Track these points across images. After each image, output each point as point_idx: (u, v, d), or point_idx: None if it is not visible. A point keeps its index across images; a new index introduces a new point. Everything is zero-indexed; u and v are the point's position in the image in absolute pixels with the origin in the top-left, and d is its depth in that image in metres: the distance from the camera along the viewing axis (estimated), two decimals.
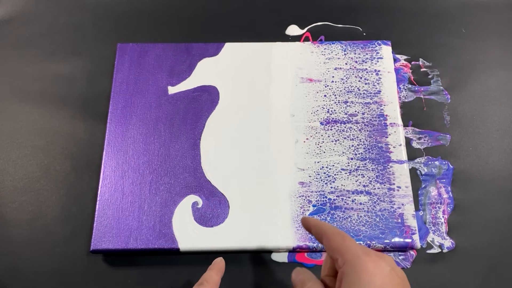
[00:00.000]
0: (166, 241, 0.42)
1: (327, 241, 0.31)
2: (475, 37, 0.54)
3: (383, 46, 0.51)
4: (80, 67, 0.52)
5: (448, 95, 0.50)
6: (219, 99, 0.48)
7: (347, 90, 0.49)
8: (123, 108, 0.48)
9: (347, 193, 0.44)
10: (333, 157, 0.46)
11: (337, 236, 0.30)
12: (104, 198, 0.43)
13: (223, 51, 0.51)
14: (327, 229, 0.31)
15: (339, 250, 0.29)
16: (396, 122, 0.47)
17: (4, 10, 0.55)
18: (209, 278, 0.36)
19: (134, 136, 0.47)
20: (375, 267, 0.27)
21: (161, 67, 0.50)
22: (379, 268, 0.27)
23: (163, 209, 0.43)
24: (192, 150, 0.46)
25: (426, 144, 0.48)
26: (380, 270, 0.27)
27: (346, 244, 0.29)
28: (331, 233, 0.31)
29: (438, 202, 0.45)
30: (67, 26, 0.54)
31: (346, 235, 0.30)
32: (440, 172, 0.46)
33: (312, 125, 0.47)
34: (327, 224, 0.32)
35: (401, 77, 0.51)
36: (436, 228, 0.44)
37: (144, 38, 0.53)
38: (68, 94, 0.50)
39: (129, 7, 0.56)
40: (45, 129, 0.48)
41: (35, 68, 0.52)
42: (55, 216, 0.44)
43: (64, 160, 0.47)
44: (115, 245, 0.41)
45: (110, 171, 0.45)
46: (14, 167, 0.47)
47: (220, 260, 0.39)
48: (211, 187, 0.44)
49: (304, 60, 0.50)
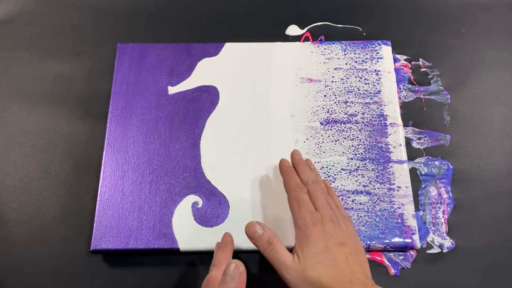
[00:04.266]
0: (166, 241, 0.42)
1: (288, 202, 0.38)
2: (475, 37, 0.54)
3: (383, 46, 0.51)
4: (80, 67, 0.52)
5: (448, 95, 0.50)
6: (219, 99, 0.48)
7: (347, 90, 0.49)
8: (123, 108, 0.48)
9: (347, 193, 0.44)
10: (333, 157, 0.46)
11: (294, 202, 0.37)
12: (104, 198, 0.43)
13: (223, 51, 0.51)
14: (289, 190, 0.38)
15: (294, 218, 0.37)
16: (396, 122, 0.47)
17: (4, 10, 0.55)
18: (216, 261, 0.36)
19: (134, 136, 0.47)
20: (318, 233, 0.35)
21: (161, 67, 0.50)
22: (320, 233, 0.35)
23: (163, 209, 0.43)
24: (192, 150, 0.46)
25: (426, 144, 0.48)
26: (321, 235, 0.35)
27: (300, 213, 0.36)
28: (290, 198, 0.38)
29: (438, 202, 0.45)
30: (67, 26, 0.54)
31: (301, 202, 0.37)
32: (440, 172, 0.46)
33: (312, 125, 0.47)
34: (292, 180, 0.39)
35: (401, 77, 0.51)
36: (436, 228, 0.44)
37: (144, 38, 0.53)
38: (68, 94, 0.50)
39: (129, 7, 0.56)
40: (45, 129, 0.48)
41: (35, 68, 0.52)
42: (55, 216, 0.44)
43: (64, 160, 0.47)
44: (115, 245, 0.41)
45: (110, 171, 0.45)
46: (14, 167, 0.47)
47: (225, 235, 0.39)
48: (211, 187, 0.44)
49: (304, 60, 0.50)
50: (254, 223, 0.37)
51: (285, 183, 0.39)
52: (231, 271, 0.31)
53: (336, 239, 0.35)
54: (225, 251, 0.37)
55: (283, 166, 0.41)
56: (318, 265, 0.33)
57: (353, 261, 0.34)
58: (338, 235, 0.35)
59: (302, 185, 0.38)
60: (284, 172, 0.40)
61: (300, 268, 0.34)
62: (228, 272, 0.31)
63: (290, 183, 0.39)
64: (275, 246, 0.35)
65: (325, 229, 0.35)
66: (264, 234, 0.36)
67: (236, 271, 0.31)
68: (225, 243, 0.38)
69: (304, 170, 0.40)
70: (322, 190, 0.39)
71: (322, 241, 0.34)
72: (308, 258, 0.34)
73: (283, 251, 0.35)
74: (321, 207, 0.37)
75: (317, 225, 0.35)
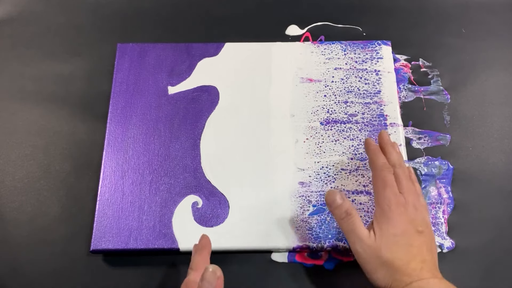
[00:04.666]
0: (166, 241, 0.42)
1: (373, 180, 0.38)
2: (475, 37, 0.54)
3: (383, 46, 0.51)
4: (80, 67, 0.52)
5: (448, 95, 0.50)
6: (219, 99, 0.48)
7: (347, 90, 0.49)
8: (123, 108, 0.48)
9: (347, 193, 0.44)
10: (333, 157, 0.46)
11: (380, 181, 0.37)
12: (104, 198, 0.43)
13: (223, 51, 0.51)
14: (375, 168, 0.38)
15: (377, 196, 0.37)
16: (396, 122, 0.47)
17: (4, 10, 0.55)
18: (193, 264, 0.36)
19: (134, 136, 0.47)
20: (399, 216, 0.35)
21: (161, 67, 0.50)
22: (402, 217, 0.35)
23: (163, 209, 0.43)
24: (192, 150, 0.46)
25: (426, 144, 0.48)
26: (402, 219, 0.35)
27: (384, 193, 0.36)
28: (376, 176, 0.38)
29: (438, 202, 0.45)
30: (67, 26, 0.54)
31: (388, 182, 0.37)
32: (440, 172, 0.46)
33: (312, 125, 0.47)
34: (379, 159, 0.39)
35: (401, 77, 0.51)
36: (436, 228, 0.44)
37: (144, 38, 0.53)
38: (68, 94, 0.50)
39: (129, 7, 0.56)
40: (45, 129, 0.48)
41: (35, 68, 0.52)
42: (55, 216, 0.44)
43: (64, 160, 0.47)
44: (115, 245, 0.41)
45: (110, 171, 0.45)
46: (14, 167, 0.47)
47: (202, 237, 0.39)
48: (211, 187, 0.44)
49: (304, 60, 0.50)
50: (335, 191, 0.37)
51: (372, 162, 0.39)
52: (208, 276, 0.31)
53: (416, 225, 0.35)
54: (202, 254, 0.37)
55: (370, 145, 0.41)
56: (394, 246, 0.34)
57: (427, 250, 0.35)
58: (417, 222, 0.36)
59: (389, 166, 0.38)
60: (371, 151, 0.40)
61: (375, 245, 0.35)
62: (205, 277, 0.31)
63: (377, 162, 0.39)
64: (353, 217, 0.36)
65: (407, 214, 0.36)
66: (344, 204, 0.37)
67: (213, 276, 0.31)
68: (202, 246, 0.38)
69: (392, 152, 0.40)
70: (407, 175, 0.39)
71: (402, 224, 0.35)
72: (385, 238, 0.35)
73: (360, 224, 0.36)
74: (406, 191, 0.37)
75: (400, 208, 0.36)
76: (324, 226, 0.42)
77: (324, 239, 0.42)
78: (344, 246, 0.41)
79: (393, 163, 0.39)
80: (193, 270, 0.35)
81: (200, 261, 0.36)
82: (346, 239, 0.41)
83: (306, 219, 0.43)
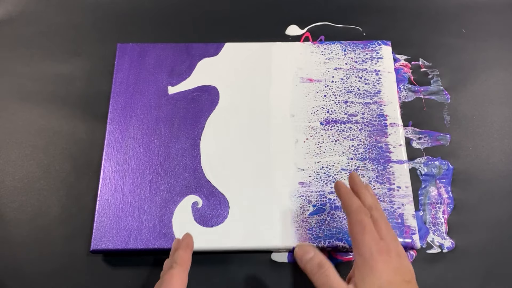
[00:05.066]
0: (166, 241, 0.42)
1: (349, 225, 0.35)
2: (475, 37, 0.54)
3: (383, 46, 0.51)
4: (80, 67, 0.52)
5: (448, 95, 0.50)
6: (219, 99, 0.48)
7: (347, 90, 0.49)
8: (123, 108, 0.48)
9: None
10: (333, 157, 0.46)
11: (358, 226, 0.34)
12: (104, 198, 0.43)
13: (223, 51, 0.51)
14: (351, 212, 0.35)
15: (356, 243, 0.33)
16: (396, 122, 0.47)
17: (4, 10, 0.55)
18: (178, 258, 0.36)
19: (134, 136, 0.47)
20: (384, 265, 0.32)
21: (161, 67, 0.50)
22: (387, 266, 0.32)
23: (163, 209, 0.43)
24: (192, 150, 0.46)
25: (426, 144, 0.48)
26: (387, 268, 0.32)
27: (364, 239, 0.33)
28: (353, 221, 0.34)
29: (438, 202, 0.45)
30: (67, 26, 0.54)
31: (367, 227, 0.33)
32: (440, 172, 0.46)
33: (312, 125, 0.47)
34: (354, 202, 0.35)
35: (401, 77, 0.51)
36: (436, 228, 0.44)
37: (144, 38, 0.53)
38: (68, 94, 0.50)
39: (129, 7, 0.56)
40: (45, 129, 0.48)
41: (35, 68, 0.52)
42: (55, 216, 0.44)
43: (64, 160, 0.47)
44: (115, 245, 0.41)
45: (110, 171, 0.45)
46: (14, 167, 0.47)
47: (187, 236, 0.39)
48: (211, 187, 0.44)
49: (304, 60, 0.50)
50: (305, 244, 0.35)
51: (346, 205, 0.36)
52: None
53: (402, 275, 0.32)
54: (187, 251, 0.37)
55: (341, 187, 0.38)
56: None
57: None
58: (403, 271, 0.33)
59: (365, 209, 0.35)
60: (343, 193, 0.37)
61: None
62: None
63: (352, 205, 0.35)
64: (326, 269, 0.34)
65: (391, 262, 0.32)
66: (315, 257, 0.35)
67: None
68: (187, 244, 0.38)
69: (367, 194, 0.37)
70: (385, 218, 0.36)
71: (388, 274, 0.32)
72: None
73: (334, 276, 0.33)
74: (386, 237, 0.34)
75: (383, 256, 0.32)
76: (324, 226, 0.42)
77: (324, 239, 0.42)
78: (344, 246, 0.41)
79: (369, 205, 0.36)
80: (178, 264, 0.35)
81: (186, 258, 0.36)
82: (346, 239, 0.41)
83: (306, 219, 0.43)
